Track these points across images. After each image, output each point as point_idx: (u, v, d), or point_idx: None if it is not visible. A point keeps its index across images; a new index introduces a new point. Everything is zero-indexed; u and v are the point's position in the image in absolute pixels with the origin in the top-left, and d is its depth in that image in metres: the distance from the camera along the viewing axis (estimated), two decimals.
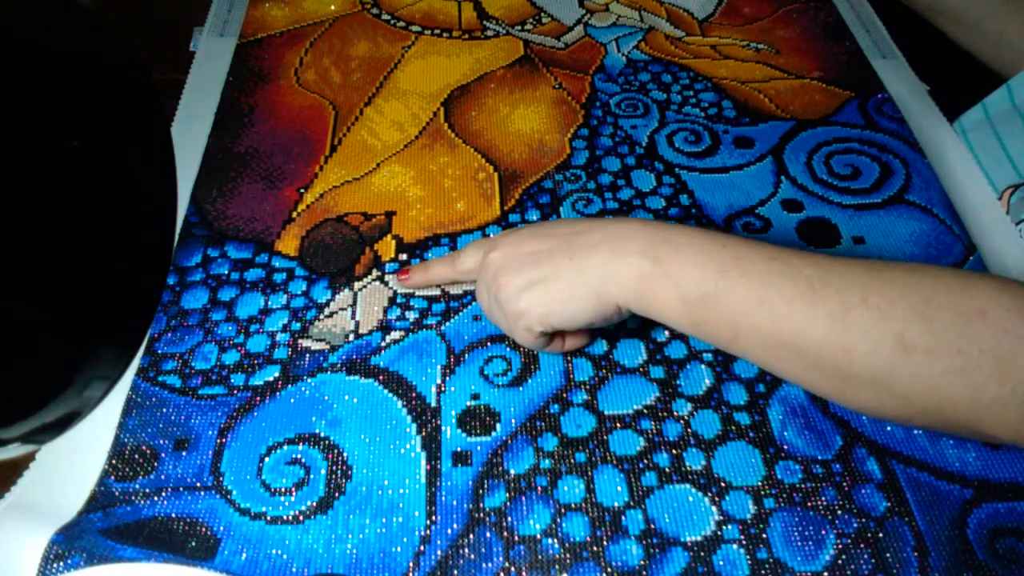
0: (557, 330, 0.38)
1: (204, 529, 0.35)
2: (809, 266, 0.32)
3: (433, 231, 0.47)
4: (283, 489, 0.36)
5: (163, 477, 0.36)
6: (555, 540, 0.34)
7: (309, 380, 0.40)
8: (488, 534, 0.35)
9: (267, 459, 0.37)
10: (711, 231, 0.35)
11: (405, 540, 0.34)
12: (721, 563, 0.33)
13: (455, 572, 0.33)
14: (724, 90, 0.57)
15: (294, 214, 0.48)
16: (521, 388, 0.40)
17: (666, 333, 0.42)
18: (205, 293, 0.44)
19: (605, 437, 0.38)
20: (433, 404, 0.39)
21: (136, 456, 0.37)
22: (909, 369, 0.30)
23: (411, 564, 0.34)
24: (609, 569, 0.33)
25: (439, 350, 0.41)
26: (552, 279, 0.36)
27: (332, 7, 0.65)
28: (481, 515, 0.35)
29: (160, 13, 0.67)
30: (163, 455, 0.37)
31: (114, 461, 0.37)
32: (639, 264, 0.34)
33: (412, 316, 0.43)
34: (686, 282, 0.33)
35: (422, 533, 0.35)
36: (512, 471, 0.36)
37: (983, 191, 0.51)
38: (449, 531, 0.35)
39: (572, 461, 0.37)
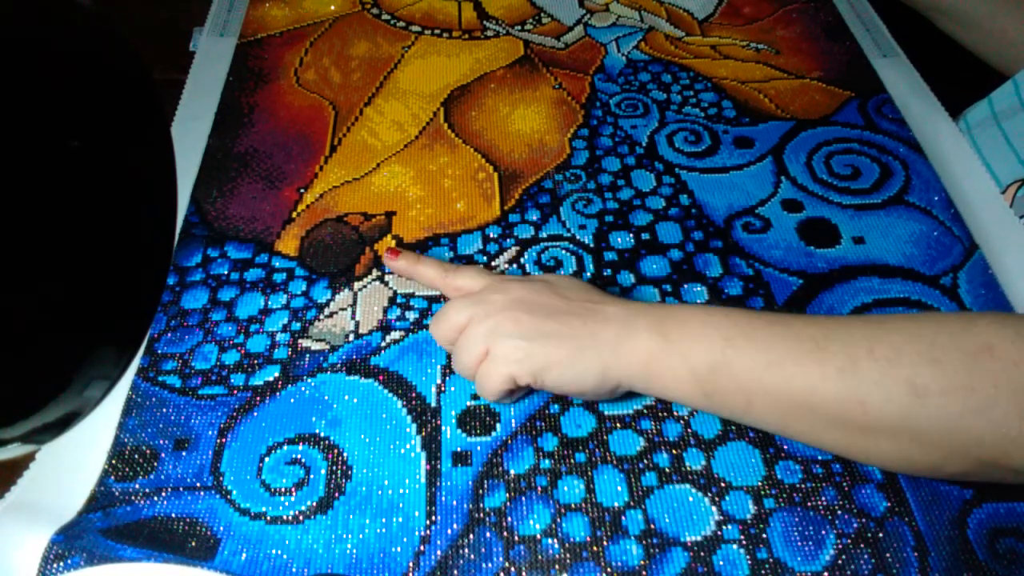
0: (536, 388, 0.36)
1: (204, 529, 0.35)
2: (811, 326, 0.33)
3: (433, 231, 0.47)
4: (283, 489, 0.36)
5: (163, 477, 0.36)
6: (555, 540, 0.34)
7: (309, 380, 0.40)
8: (488, 534, 0.35)
9: (267, 459, 0.37)
10: (715, 307, 0.35)
11: (405, 540, 0.34)
12: (721, 563, 0.33)
13: (455, 572, 0.33)
14: (724, 90, 0.57)
15: (294, 214, 0.48)
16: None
17: None
18: (205, 293, 0.44)
19: (605, 437, 0.38)
20: (433, 404, 0.39)
21: (136, 456, 0.37)
22: (926, 412, 0.30)
23: (411, 564, 0.34)
24: (609, 569, 0.33)
25: (439, 350, 0.41)
26: (563, 337, 0.35)
27: (332, 7, 0.65)
28: (481, 515, 0.35)
29: (160, 14, 0.67)
30: (163, 455, 0.37)
31: (114, 461, 0.37)
32: (648, 340, 0.34)
33: (412, 316, 0.43)
34: (694, 353, 0.34)
35: (422, 533, 0.35)
36: (512, 471, 0.36)
37: (986, 188, 0.50)
38: (449, 531, 0.35)
39: (572, 461, 0.37)
